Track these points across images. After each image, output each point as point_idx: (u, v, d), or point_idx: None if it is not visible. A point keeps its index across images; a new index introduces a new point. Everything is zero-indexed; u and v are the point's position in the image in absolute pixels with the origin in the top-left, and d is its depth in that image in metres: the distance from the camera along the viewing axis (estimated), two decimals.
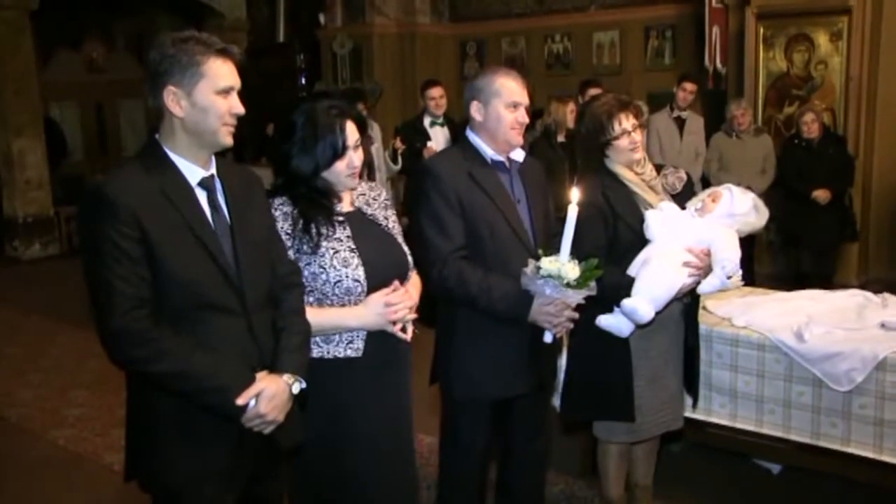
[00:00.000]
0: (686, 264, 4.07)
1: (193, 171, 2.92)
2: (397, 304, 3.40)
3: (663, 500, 4.96)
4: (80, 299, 2.79)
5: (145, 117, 18.94)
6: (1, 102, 13.95)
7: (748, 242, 8.85)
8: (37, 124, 14.51)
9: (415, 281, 3.66)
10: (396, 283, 3.45)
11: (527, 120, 3.96)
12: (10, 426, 6.95)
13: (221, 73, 2.86)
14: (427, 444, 5.60)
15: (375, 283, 3.39)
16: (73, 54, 20.09)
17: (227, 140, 2.92)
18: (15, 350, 9.14)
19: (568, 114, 8.58)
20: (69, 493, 5.66)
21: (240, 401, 2.84)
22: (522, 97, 3.92)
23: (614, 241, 4.16)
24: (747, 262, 7.83)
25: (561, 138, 8.58)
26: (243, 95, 2.94)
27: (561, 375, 4.54)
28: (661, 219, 4.12)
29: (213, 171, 2.99)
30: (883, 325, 4.60)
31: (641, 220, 4.15)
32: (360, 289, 3.35)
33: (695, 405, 4.73)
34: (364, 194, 3.62)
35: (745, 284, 5.64)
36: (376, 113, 11.68)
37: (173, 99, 2.84)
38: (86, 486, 5.73)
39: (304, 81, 15.37)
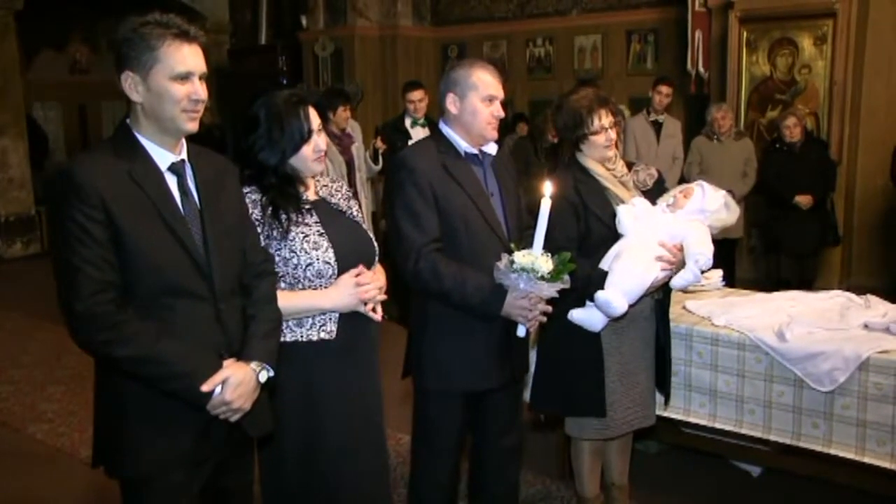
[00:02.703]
0: (659, 258, 4.09)
1: (163, 156, 2.89)
2: (368, 285, 3.42)
3: (640, 501, 4.95)
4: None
5: None
6: None
7: (728, 247, 8.94)
8: (19, 124, 14.53)
9: (380, 268, 3.66)
10: (362, 266, 3.46)
11: (502, 114, 3.95)
12: None
13: (178, 58, 2.80)
14: (405, 443, 5.55)
15: (345, 267, 3.41)
16: (57, 55, 20.09)
17: (189, 126, 2.87)
18: None
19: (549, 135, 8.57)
20: (47, 487, 5.67)
21: (205, 387, 2.79)
22: (498, 91, 3.91)
23: (586, 235, 4.18)
24: (728, 267, 7.88)
25: (545, 144, 8.56)
26: (224, 97, 2.89)
27: (532, 368, 4.51)
28: (634, 213, 4.14)
29: (184, 156, 2.96)
30: (866, 326, 4.56)
31: (613, 214, 4.17)
32: (331, 271, 3.37)
33: (667, 403, 4.72)
34: (327, 186, 3.66)
35: (726, 286, 5.65)
36: (357, 115, 11.66)
37: (130, 84, 2.81)
38: (63, 480, 5.75)
39: (285, 83, 15.33)
